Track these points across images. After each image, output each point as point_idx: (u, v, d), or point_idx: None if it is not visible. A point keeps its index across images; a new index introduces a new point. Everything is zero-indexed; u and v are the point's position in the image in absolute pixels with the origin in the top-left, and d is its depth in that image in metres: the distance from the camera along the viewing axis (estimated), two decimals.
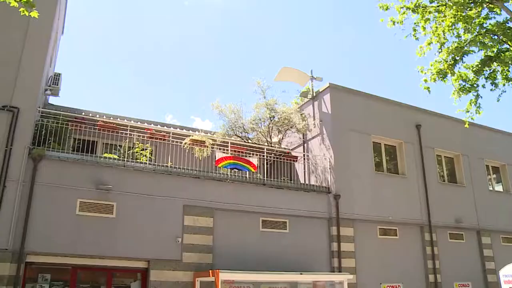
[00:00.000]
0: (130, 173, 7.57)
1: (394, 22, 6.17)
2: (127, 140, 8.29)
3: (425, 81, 6.52)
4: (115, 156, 7.82)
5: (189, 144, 8.71)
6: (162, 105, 26.74)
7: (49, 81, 8.91)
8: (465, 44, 5.64)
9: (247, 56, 26.68)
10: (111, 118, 9.55)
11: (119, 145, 8.58)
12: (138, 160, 7.85)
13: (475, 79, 5.92)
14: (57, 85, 8.77)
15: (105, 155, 7.76)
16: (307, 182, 10.13)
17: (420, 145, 11.13)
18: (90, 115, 9.52)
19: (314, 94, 10.88)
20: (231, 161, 8.50)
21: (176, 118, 28.31)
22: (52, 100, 9.66)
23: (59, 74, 9.00)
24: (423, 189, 10.78)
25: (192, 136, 9.03)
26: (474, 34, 5.52)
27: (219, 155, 8.48)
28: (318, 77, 11.17)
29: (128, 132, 8.30)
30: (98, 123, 8.22)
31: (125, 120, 9.76)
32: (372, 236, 9.73)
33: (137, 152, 8.11)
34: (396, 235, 10.11)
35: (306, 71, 11.37)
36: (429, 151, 11.31)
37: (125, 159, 7.63)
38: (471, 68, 6.00)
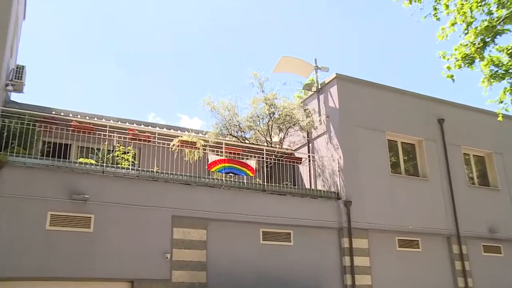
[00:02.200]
0: (110, 180, 7.51)
1: (411, 0, 5.98)
2: (106, 143, 8.22)
3: (448, 68, 6.34)
4: (92, 161, 7.75)
5: (178, 146, 8.64)
6: (144, 102, 26.15)
7: (11, 74, 8.69)
8: (498, 22, 5.39)
9: (241, 45, 26.31)
10: (87, 118, 9.42)
11: (97, 149, 8.50)
12: (119, 165, 7.76)
13: (510, 63, 5.70)
14: (20, 79, 8.55)
15: (81, 160, 7.68)
16: (313, 187, 10.08)
17: (444, 143, 10.93)
18: (62, 114, 9.39)
19: (319, 87, 10.82)
20: (226, 164, 8.43)
21: (159, 116, 27.85)
22: (15, 97, 9.51)
23: (23, 66, 8.75)
24: (448, 194, 10.58)
25: (181, 136, 8.99)
26: (511, 9, 5.26)
27: (212, 158, 8.41)
28: (323, 67, 11.12)
29: (107, 133, 8.20)
30: (72, 123, 8.09)
31: (103, 120, 9.66)
32: (390, 248, 9.57)
33: (117, 156, 8.06)
34: (419, 247, 9.93)
35: (310, 60, 11.26)
36: (454, 149, 11.09)
37: (104, 164, 7.56)
38: (505, 51, 5.78)
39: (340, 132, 9.88)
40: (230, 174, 8.52)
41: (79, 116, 9.41)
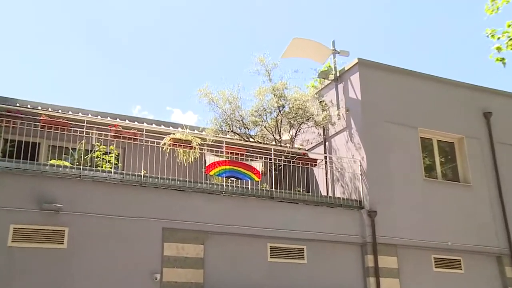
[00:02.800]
0: (88, 186, 7.44)
1: None
2: (83, 141, 8.07)
3: (498, 49, 6.06)
4: (67, 163, 7.70)
5: (170, 145, 8.50)
6: (129, 92, 25.51)
7: None
8: None
9: (244, 25, 25.18)
10: (60, 111, 9.38)
11: (72, 148, 8.38)
12: (99, 168, 7.69)
13: None
14: None
15: (52, 162, 7.55)
16: (330, 194, 9.96)
17: (491, 141, 10.64)
18: (29, 106, 9.30)
19: (338, 74, 10.69)
20: (227, 167, 8.39)
21: (147, 110, 27.09)
22: None
23: None
24: (497, 203, 10.24)
25: (174, 134, 8.82)
26: None
27: (210, 159, 8.37)
28: (343, 51, 10.93)
29: (84, 129, 8.03)
30: (41, 118, 7.94)
31: (80, 114, 9.59)
32: (425, 269, 9.35)
33: (97, 157, 7.99)
34: (461, 268, 9.64)
35: (326, 43, 11.06)
36: (504, 149, 10.76)
37: (81, 167, 7.46)
38: None
39: (363, 128, 9.76)
40: (232, 179, 8.50)
41: (50, 109, 9.30)
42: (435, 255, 9.52)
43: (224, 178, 8.40)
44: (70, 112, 9.44)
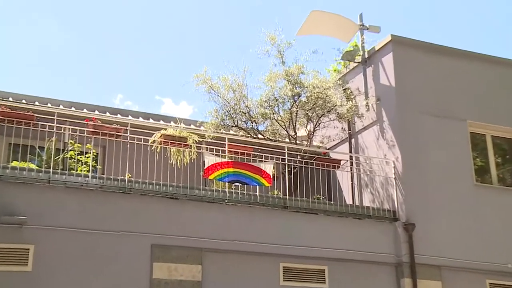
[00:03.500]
0: (59, 194, 7.39)
1: None
2: (54, 138, 8.00)
3: None
4: (33, 166, 7.64)
5: (160, 143, 8.48)
6: (108, 79, 25.06)
7: None
8: None
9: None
10: (23, 102, 9.30)
11: (40, 147, 8.22)
12: (74, 172, 7.65)
13: None
14: None
15: (14, 164, 7.55)
16: (357, 203, 9.93)
17: None
18: None
19: (367, 55, 10.58)
20: (230, 170, 8.38)
21: (130, 99, 27.04)
22: None
23: None
24: None
25: (165, 129, 8.77)
26: None
27: (210, 160, 8.36)
28: (373, 27, 10.79)
29: (54, 124, 7.93)
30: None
31: (49, 105, 9.59)
32: None
33: (71, 158, 7.95)
34: None
35: (352, 17, 10.97)
36: None
37: (51, 170, 7.42)
38: None
39: (398, 121, 9.66)
40: (236, 184, 8.48)
41: (10, 99, 9.28)
42: (491, 280, 9.29)
43: (226, 183, 8.42)
44: (36, 103, 9.40)
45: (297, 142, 10.28)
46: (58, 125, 7.88)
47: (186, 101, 26.34)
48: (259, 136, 10.38)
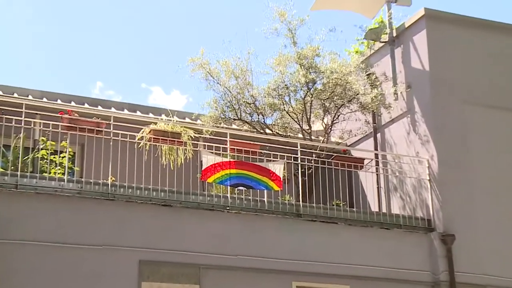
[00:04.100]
0: (29, 201, 7.39)
1: None
2: (22, 135, 7.96)
3: None
4: None
5: (150, 140, 8.51)
6: (86, 64, 25.09)
7: None
8: None
9: None
10: None
11: (5, 146, 8.16)
12: (47, 175, 7.66)
13: None
14: None
15: None
16: (384, 210, 9.97)
17: None
18: None
19: (395, 34, 10.59)
20: (233, 171, 8.41)
21: (112, 88, 26.94)
22: None
23: None
24: None
25: (155, 124, 8.84)
26: None
27: (209, 160, 8.38)
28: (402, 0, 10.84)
29: (22, 118, 7.88)
30: None
31: (16, 95, 9.55)
32: None
33: (43, 159, 7.99)
34: None
35: None
36: None
37: (18, 173, 7.43)
38: None
39: (433, 113, 9.67)
40: (240, 188, 8.55)
41: None
42: None
43: (228, 187, 8.47)
44: (0, 93, 9.45)
45: (312, 138, 10.29)
46: (26, 119, 7.84)
47: (179, 90, 26.30)
48: (267, 131, 10.36)
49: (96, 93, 23.06)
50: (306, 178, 9.36)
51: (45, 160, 7.84)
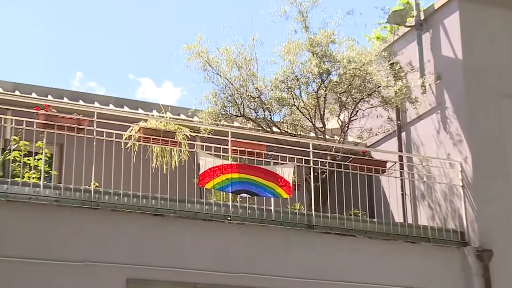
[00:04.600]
0: None
1: None
2: None
3: None
4: None
5: (139, 140, 8.57)
6: (65, 54, 25.13)
7: None
8: None
9: None
10: None
11: None
12: (19, 180, 7.69)
13: None
14: None
15: None
16: (410, 221, 10.04)
17: None
18: None
19: (423, 17, 10.62)
20: (235, 175, 8.45)
21: (94, 79, 28.06)
22: None
23: None
24: None
25: (145, 121, 8.89)
26: None
27: (207, 162, 8.40)
28: None
29: None
30: None
31: None
32: None
33: (15, 161, 8.08)
34: None
35: None
36: None
37: None
38: None
39: (467, 108, 9.73)
40: (243, 195, 8.58)
41: None
42: None
43: (230, 194, 8.54)
44: None
45: (326, 137, 10.32)
46: None
47: (171, 82, 26.94)
48: (274, 129, 10.38)
49: (76, 85, 23.32)
50: (320, 183, 9.35)
51: (18, 163, 7.86)
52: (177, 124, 8.89)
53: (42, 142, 8.04)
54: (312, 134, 10.35)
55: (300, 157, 9.01)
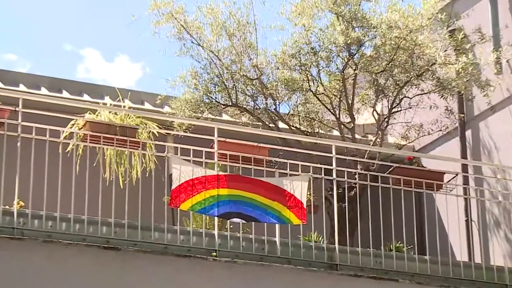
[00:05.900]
0: None
1: None
2: None
3: None
4: None
5: (83, 139, 8.73)
6: None
7: None
8: None
9: None
10: None
11: None
12: None
13: None
14: None
15: None
16: (478, 260, 10.28)
17: None
18: None
19: None
20: (224, 191, 8.58)
21: (12, 51, 28.07)
22: None
23: None
24: None
25: (95, 113, 9.28)
26: None
27: (183, 172, 8.52)
28: None
29: None
30: None
31: None
32: None
33: None
34: None
35: None
36: None
37: None
38: None
39: None
40: (235, 221, 8.75)
41: None
42: None
43: (216, 218, 8.67)
44: None
45: (356, 137, 10.58)
46: None
47: (128, 55, 26.78)
48: (281, 125, 10.52)
49: (8, 64, 23.56)
50: (346, 204, 9.52)
51: None
52: (139, 117, 9.12)
53: None
54: (336, 133, 10.51)
55: (318, 165, 9.15)
